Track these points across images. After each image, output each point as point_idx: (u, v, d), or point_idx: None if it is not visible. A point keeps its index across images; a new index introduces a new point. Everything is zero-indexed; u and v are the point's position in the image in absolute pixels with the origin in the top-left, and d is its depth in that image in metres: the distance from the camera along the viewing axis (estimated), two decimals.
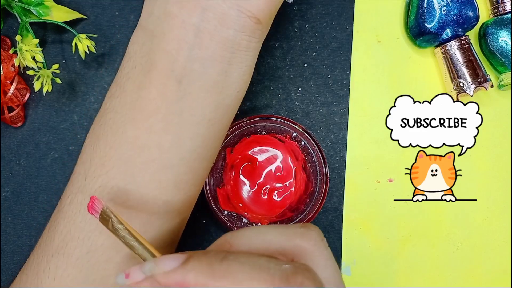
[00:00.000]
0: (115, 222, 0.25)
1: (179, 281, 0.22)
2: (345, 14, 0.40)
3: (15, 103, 0.37)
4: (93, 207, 0.26)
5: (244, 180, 0.38)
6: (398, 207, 0.40)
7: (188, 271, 0.22)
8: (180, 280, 0.22)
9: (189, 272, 0.22)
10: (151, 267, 0.23)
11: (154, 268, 0.23)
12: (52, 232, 0.30)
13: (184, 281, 0.22)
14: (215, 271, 0.22)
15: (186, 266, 0.22)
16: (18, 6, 0.35)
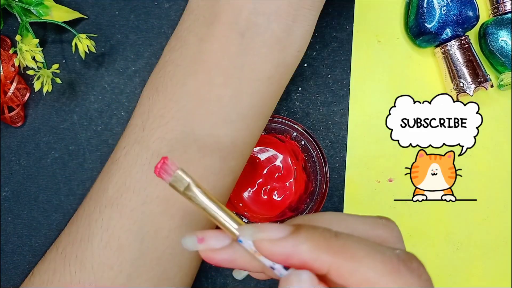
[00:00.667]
0: (192, 186, 0.22)
1: (289, 252, 0.20)
2: (345, 14, 0.40)
3: (15, 103, 0.37)
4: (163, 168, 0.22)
5: (244, 180, 0.38)
6: (398, 207, 0.40)
7: (301, 242, 0.20)
8: (291, 251, 0.20)
9: (302, 243, 0.20)
10: (254, 232, 0.21)
11: (257, 233, 0.21)
12: (105, 183, 0.29)
13: (296, 253, 0.20)
14: (332, 246, 0.20)
15: (298, 236, 0.20)
16: (18, 6, 0.35)
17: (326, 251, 0.20)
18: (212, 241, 0.22)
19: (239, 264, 0.22)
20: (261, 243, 0.20)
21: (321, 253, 0.20)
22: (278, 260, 0.20)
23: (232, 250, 0.22)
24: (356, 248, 0.20)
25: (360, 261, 0.19)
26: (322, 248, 0.20)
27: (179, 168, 0.22)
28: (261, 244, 0.20)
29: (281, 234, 0.20)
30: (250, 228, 0.21)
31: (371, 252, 0.20)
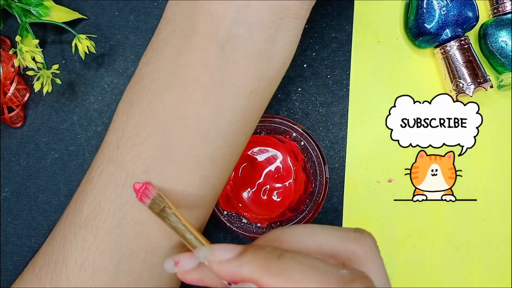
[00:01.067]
0: (167, 208, 0.25)
1: (233, 273, 0.22)
2: (344, 15, 0.40)
3: (15, 103, 0.37)
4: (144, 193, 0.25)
5: (243, 181, 0.38)
6: (398, 207, 0.40)
7: (244, 264, 0.22)
8: (234, 271, 0.22)
9: (245, 265, 0.22)
10: (206, 254, 0.23)
11: (209, 255, 0.23)
12: (80, 204, 0.29)
13: (239, 273, 0.22)
14: (271, 267, 0.21)
15: (242, 258, 0.22)
16: (18, 7, 0.35)
17: (266, 273, 0.21)
18: (185, 262, 0.24)
19: (206, 282, 0.24)
20: (212, 264, 0.23)
21: (261, 275, 0.21)
22: (226, 279, 0.23)
23: (199, 271, 0.24)
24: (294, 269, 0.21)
25: (296, 283, 0.21)
26: (263, 270, 0.21)
27: (157, 193, 0.25)
28: (211, 265, 0.23)
29: (228, 255, 0.22)
30: (205, 249, 0.23)
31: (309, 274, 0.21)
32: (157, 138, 0.27)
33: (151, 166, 0.27)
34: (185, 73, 0.26)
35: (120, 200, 0.27)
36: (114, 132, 0.29)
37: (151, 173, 0.27)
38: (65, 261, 0.28)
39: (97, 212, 0.28)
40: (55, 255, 0.29)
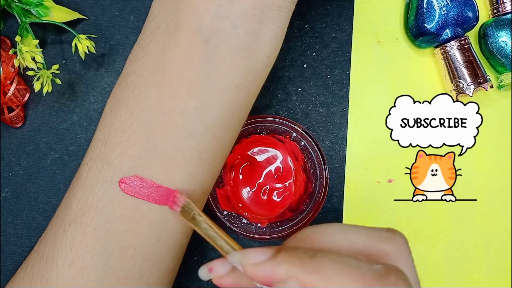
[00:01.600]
0: (197, 215, 0.26)
1: (268, 273, 0.22)
2: (344, 15, 0.40)
3: (15, 103, 0.37)
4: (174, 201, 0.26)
5: (243, 181, 0.38)
6: (398, 207, 0.40)
7: (279, 264, 0.22)
8: (270, 272, 0.22)
9: (279, 265, 0.22)
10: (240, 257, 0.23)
11: (244, 258, 0.23)
12: (70, 201, 0.29)
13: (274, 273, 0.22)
14: (305, 266, 0.22)
15: (276, 259, 0.22)
16: (18, 7, 0.35)
17: (301, 271, 0.21)
18: (218, 269, 0.24)
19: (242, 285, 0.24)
20: (246, 267, 0.23)
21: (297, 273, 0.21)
22: (261, 282, 0.23)
23: (234, 275, 0.24)
24: (329, 267, 0.21)
25: (330, 280, 0.21)
26: (297, 268, 0.22)
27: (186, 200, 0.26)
28: (245, 268, 0.23)
29: (262, 257, 0.23)
30: (238, 254, 0.24)
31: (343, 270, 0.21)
32: (143, 135, 0.27)
33: (137, 162, 0.27)
34: (170, 69, 0.27)
35: (108, 196, 0.27)
36: (101, 129, 0.29)
37: (138, 169, 0.27)
38: (55, 259, 0.28)
39: (85, 209, 0.28)
40: (46, 253, 0.29)
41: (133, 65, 0.28)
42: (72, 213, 0.28)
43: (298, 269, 0.22)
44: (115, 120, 0.28)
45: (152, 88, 0.27)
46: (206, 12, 0.26)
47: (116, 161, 0.27)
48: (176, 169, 0.27)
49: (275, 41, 0.27)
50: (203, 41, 0.26)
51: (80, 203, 0.28)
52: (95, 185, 0.28)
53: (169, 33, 0.27)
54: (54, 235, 0.29)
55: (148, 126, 0.27)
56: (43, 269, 0.28)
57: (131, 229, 0.27)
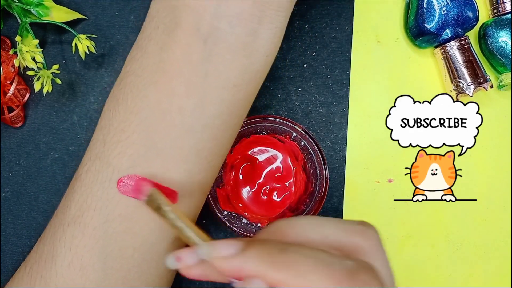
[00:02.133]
0: (163, 204, 0.25)
1: (237, 269, 0.22)
2: (344, 15, 0.40)
3: (15, 103, 0.37)
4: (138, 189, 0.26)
5: (244, 181, 0.38)
6: (398, 207, 0.40)
7: (248, 259, 0.22)
8: (238, 267, 0.22)
9: (248, 260, 0.22)
10: (208, 251, 0.23)
11: (211, 252, 0.23)
12: (69, 201, 0.29)
13: (243, 269, 0.21)
14: (276, 262, 0.21)
15: (246, 254, 0.22)
16: (18, 7, 0.35)
17: (271, 268, 0.21)
18: (187, 258, 0.24)
19: (210, 277, 0.24)
20: (214, 260, 0.22)
21: (266, 269, 0.21)
22: (230, 276, 0.22)
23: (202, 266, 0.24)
24: (301, 263, 0.21)
25: (304, 277, 0.20)
26: (267, 264, 0.21)
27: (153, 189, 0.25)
28: (214, 262, 0.22)
29: (231, 251, 0.22)
30: (206, 246, 0.23)
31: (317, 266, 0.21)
32: (142, 134, 0.27)
33: (137, 161, 0.27)
34: (168, 68, 0.27)
35: (107, 196, 0.27)
36: (100, 129, 0.29)
37: (137, 168, 0.27)
38: (54, 259, 0.28)
39: (84, 209, 0.28)
40: (45, 253, 0.29)
41: (132, 65, 0.28)
42: (71, 213, 0.28)
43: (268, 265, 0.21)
44: (114, 120, 0.28)
45: (150, 88, 0.27)
46: (205, 12, 0.26)
47: (115, 161, 0.27)
48: (175, 167, 0.27)
49: (274, 41, 0.28)
50: (202, 40, 0.26)
51: (79, 203, 0.28)
52: (94, 185, 0.28)
53: (167, 33, 0.27)
54: (53, 235, 0.29)
55: (146, 125, 0.27)
56: (42, 268, 0.28)
57: (130, 229, 0.27)
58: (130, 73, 0.28)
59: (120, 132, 0.28)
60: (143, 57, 0.28)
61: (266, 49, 0.27)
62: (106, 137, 0.28)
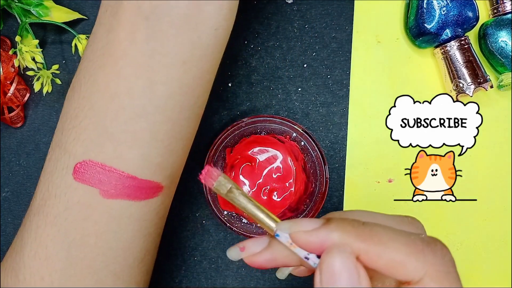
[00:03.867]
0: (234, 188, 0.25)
1: (322, 240, 0.22)
2: (344, 15, 0.40)
3: (15, 103, 0.37)
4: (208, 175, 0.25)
5: (243, 181, 0.38)
6: (398, 207, 0.40)
7: (332, 230, 0.22)
8: (323, 239, 0.22)
9: (333, 231, 0.22)
10: (291, 225, 0.23)
11: (294, 226, 0.23)
12: (36, 191, 0.29)
13: (328, 240, 0.22)
14: (359, 232, 0.22)
15: (330, 226, 0.22)
16: (18, 7, 0.35)
17: (355, 238, 0.22)
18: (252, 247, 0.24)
19: (279, 260, 0.24)
20: (297, 234, 0.23)
21: (351, 239, 0.22)
22: (313, 249, 0.22)
23: (271, 250, 0.24)
24: (382, 233, 0.22)
25: (385, 245, 0.21)
26: (352, 235, 0.22)
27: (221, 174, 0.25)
28: (296, 236, 0.23)
29: (314, 225, 0.23)
30: (287, 222, 0.23)
31: (396, 236, 0.22)
32: (93, 118, 0.27)
33: (89, 147, 0.27)
34: (115, 50, 0.26)
35: (65, 183, 0.27)
36: (60, 118, 0.29)
37: (91, 153, 0.27)
38: (22, 250, 0.28)
39: (46, 198, 0.28)
40: (17, 245, 0.29)
41: (85, 51, 0.28)
42: (36, 202, 0.28)
43: (353, 235, 0.22)
44: (69, 107, 0.28)
45: (99, 71, 0.27)
46: None
47: (71, 147, 0.27)
48: (128, 152, 0.27)
49: (222, 12, 0.26)
50: (144, 18, 0.25)
51: (42, 192, 0.28)
52: (54, 173, 0.28)
53: (113, 15, 0.26)
54: (23, 226, 0.29)
55: (97, 110, 0.27)
56: (12, 260, 0.29)
57: (90, 216, 0.27)
58: (84, 60, 0.28)
59: (75, 118, 0.27)
60: (94, 42, 0.27)
61: (214, 22, 0.26)
62: (63, 125, 0.28)
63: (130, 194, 0.27)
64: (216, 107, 0.40)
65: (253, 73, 0.40)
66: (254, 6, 0.40)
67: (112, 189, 0.27)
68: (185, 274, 0.39)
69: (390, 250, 0.21)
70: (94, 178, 0.26)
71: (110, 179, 0.27)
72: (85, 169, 0.26)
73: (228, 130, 0.36)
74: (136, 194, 0.28)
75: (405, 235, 0.22)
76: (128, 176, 0.27)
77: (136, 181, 0.27)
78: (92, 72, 0.27)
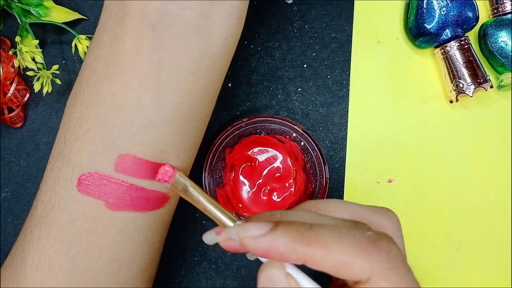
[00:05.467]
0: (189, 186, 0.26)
1: (267, 246, 0.23)
2: (344, 15, 0.40)
3: (15, 103, 0.37)
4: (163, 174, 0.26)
5: (243, 181, 0.38)
6: (398, 207, 0.40)
7: (278, 237, 0.23)
8: (269, 245, 0.23)
9: (279, 238, 0.23)
10: (238, 231, 0.24)
11: (242, 231, 0.24)
12: (36, 201, 0.28)
13: (273, 246, 0.23)
14: (305, 237, 0.22)
15: (276, 232, 0.23)
16: (18, 7, 0.35)
17: (300, 243, 0.22)
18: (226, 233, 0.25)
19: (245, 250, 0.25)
20: (245, 240, 0.24)
21: (296, 245, 0.22)
22: (260, 254, 0.23)
23: None
24: (326, 236, 0.23)
25: (330, 248, 0.22)
26: (297, 240, 0.22)
27: (178, 173, 0.26)
28: (245, 241, 0.24)
29: (261, 231, 0.23)
30: (236, 227, 0.24)
31: (341, 238, 0.23)
32: (99, 130, 0.26)
33: (96, 158, 0.26)
34: (121, 60, 0.25)
35: (69, 195, 0.26)
36: (62, 127, 0.28)
37: (97, 165, 0.26)
38: (24, 261, 0.27)
39: (49, 209, 0.27)
40: (17, 255, 0.28)
41: (88, 58, 0.27)
42: (37, 213, 0.28)
43: (297, 241, 0.22)
44: (72, 116, 0.27)
45: (105, 81, 0.26)
46: None
47: (75, 158, 0.26)
48: None
49: (231, 22, 0.26)
50: (150, 27, 0.25)
51: (44, 203, 0.28)
52: (57, 184, 0.27)
53: (118, 22, 0.26)
54: (24, 237, 0.28)
55: (103, 120, 0.26)
56: (13, 271, 0.28)
57: (95, 228, 0.27)
58: (87, 67, 0.27)
59: (79, 128, 0.27)
60: (97, 49, 0.27)
61: (223, 31, 0.26)
62: (66, 134, 0.27)
63: (137, 206, 0.27)
64: (216, 107, 0.39)
65: (253, 73, 0.40)
66: (254, 6, 0.40)
67: (118, 201, 0.26)
68: (185, 274, 0.39)
69: (335, 253, 0.22)
70: (99, 190, 0.26)
71: (117, 191, 0.26)
72: (90, 181, 0.26)
73: (228, 130, 0.36)
74: (143, 205, 0.27)
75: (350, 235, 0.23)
76: (137, 188, 0.26)
77: (145, 192, 0.27)
78: (96, 81, 0.26)
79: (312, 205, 0.27)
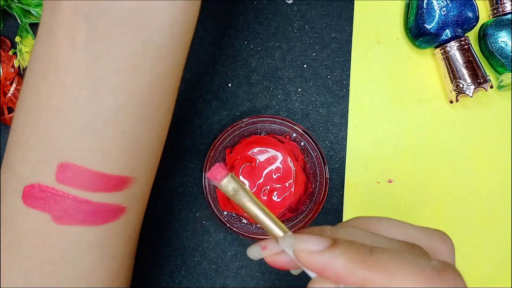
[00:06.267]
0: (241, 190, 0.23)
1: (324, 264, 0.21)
2: (344, 15, 0.40)
3: (15, 103, 0.37)
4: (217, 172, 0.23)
5: (243, 181, 0.38)
6: (398, 208, 0.40)
7: (337, 256, 0.21)
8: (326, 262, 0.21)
9: (337, 257, 0.21)
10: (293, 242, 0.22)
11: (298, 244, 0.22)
12: None
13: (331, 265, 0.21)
14: (366, 260, 0.21)
15: (334, 250, 0.21)
16: (18, 7, 0.35)
17: (360, 266, 0.21)
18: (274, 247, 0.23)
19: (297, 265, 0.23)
20: (299, 253, 0.22)
21: (355, 267, 0.21)
22: (314, 270, 0.22)
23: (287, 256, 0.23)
24: (389, 262, 0.21)
25: (393, 274, 0.20)
26: (357, 262, 0.21)
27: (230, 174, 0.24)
28: (299, 254, 0.22)
29: (319, 247, 0.21)
30: (292, 238, 0.22)
31: (404, 265, 0.21)
32: (38, 136, 0.23)
33: (37, 168, 0.24)
34: (55, 55, 0.22)
35: (15, 207, 0.24)
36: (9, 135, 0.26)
37: (40, 175, 0.23)
38: None
39: (2, 221, 0.25)
40: None
41: (30, 58, 0.25)
42: None
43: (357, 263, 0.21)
44: (15, 123, 0.25)
45: (42, 81, 0.23)
46: None
47: (18, 168, 0.24)
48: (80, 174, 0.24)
49: (177, 5, 0.22)
50: (83, 17, 0.21)
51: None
52: (5, 196, 0.25)
53: (52, 13, 0.23)
54: None
55: (41, 126, 0.23)
56: None
57: (45, 243, 0.24)
58: (29, 68, 0.24)
59: (20, 135, 0.24)
60: (36, 46, 0.24)
61: (168, 17, 0.22)
62: (10, 142, 0.25)
63: (85, 220, 0.24)
64: (216, 108, 0.40)
65: (253, 73, 0.40)
66: (254, 6, 0.40)
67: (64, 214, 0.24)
68: (185, 274, 0.39)
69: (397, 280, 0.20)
70: (44, 203, 0.24)
71: (62, 204, 0.24)
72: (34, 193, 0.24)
73: (228, 131, 0.36)
74: (92, 219, 0.24)
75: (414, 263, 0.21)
76: (82, 200, 0.24)
77: (90, 205, 0.24)
78: (35, 82, 0.23)
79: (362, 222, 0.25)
